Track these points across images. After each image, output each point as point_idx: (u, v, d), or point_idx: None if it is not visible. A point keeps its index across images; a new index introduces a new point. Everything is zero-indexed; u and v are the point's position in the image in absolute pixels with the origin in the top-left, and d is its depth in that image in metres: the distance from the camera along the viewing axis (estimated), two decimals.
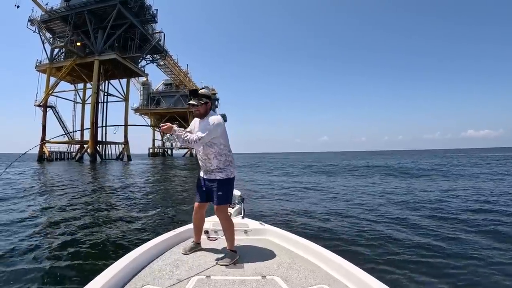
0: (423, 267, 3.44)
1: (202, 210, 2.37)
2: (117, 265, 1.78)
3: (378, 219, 5.80)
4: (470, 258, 3.67)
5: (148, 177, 16.40)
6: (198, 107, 2.24)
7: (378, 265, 3.50)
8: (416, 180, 13.34)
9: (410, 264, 3.53)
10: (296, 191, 10.23)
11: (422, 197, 8.33)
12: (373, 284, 1.65)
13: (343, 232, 4.89)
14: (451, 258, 3.67)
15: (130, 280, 1.77)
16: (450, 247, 4.09)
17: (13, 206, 7.13)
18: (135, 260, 1.91)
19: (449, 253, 3.88)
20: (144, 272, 1.90)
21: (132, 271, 1.86)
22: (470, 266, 3.43)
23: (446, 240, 4.40)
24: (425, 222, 5.56)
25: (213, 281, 1.80)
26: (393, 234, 4.73)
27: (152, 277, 1.82)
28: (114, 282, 1.65)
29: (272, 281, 1.83)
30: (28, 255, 3.75)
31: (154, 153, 66.76)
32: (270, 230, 2.74)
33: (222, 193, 2.23)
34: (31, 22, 36.84)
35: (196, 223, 2.39)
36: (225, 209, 2.32)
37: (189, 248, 2.30)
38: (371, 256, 3.79)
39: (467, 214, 6.07)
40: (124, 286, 1.70)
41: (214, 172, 2.25)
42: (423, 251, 3.96)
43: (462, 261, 3.56)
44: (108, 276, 1.64)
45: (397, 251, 3.95)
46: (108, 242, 4.34)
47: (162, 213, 6.64)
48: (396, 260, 3.67)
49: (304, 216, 6.21)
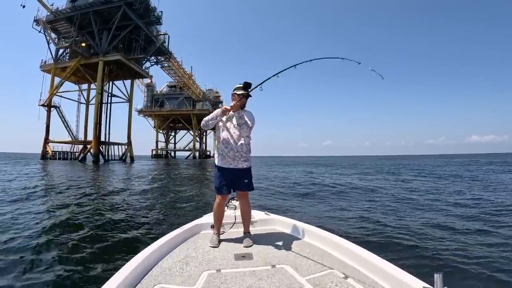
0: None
1: (225, 201, 2.56)
2: (127, 267, 1.75)
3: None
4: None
5: (152, 178, 16.32)
6: (246, 99, 2.42)
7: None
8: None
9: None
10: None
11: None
12: (383, 265, 1.66)
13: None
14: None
15: (141, 280, 1.75)
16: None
17: (21, 205, 7.03)
18: (145, 260, 1.90)
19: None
20: (155, 271, 1.89)
21: (143, 271, 1.84)
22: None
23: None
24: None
25: (223, 275, 1.80)
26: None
27: (163, 276, 1.81)
28: (127, 284, 1.62)
29: (282, 269, 1.85)
30: (39, 255, 3.67)
31: (157, 154, 66.74)
32: (276, 220, 2.81)
33: (248, 180, 2.46)
34: (37, 22, 37.12)
35: (221, 215, 2.51)
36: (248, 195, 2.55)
37: (217, 240, 2.37)
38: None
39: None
40: (136, 286, 1.68)
41: (243, 161, 2.43)
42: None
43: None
44: (121, 277, 1.61)
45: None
46: (116, 242, 4.35)
47: (168, 212, 6.69)
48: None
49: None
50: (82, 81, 43.37)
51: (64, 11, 36.65)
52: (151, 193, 9.84)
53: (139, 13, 37.78)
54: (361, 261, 1.81)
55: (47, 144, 38.21)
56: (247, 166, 2.46)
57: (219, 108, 2.47)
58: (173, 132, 74.59)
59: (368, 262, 1.75)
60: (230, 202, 3.23)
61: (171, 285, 1.70)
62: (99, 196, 8.82)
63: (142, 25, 39.04)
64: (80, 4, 36.02)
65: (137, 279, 1.74)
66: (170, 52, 45.66)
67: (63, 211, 6.52)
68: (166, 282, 1.73)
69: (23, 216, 5.87)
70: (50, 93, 37.89)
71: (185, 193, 9.81)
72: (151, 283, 1.72)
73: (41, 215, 6.09)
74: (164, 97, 63.94)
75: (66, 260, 3.55)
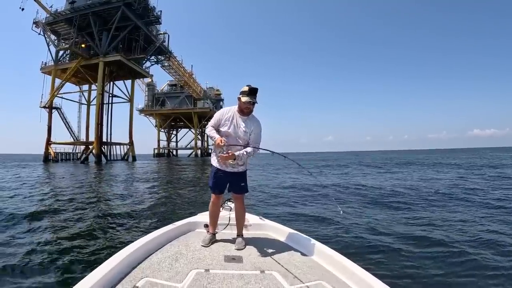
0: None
1: (220, 201, 2.59)
2: (116, 257, 1.77)
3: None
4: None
5: (152, 176, 16.51)
6: (252, 106, 2.34)
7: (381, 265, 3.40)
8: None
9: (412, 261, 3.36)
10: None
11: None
12: (371, 281, 1.64)
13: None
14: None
15: (129, 273, 1.76)
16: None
17: (21, 204, 7.27)
18: (134, 252, 1.91)
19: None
20: (143, 264, 1.90)
21: (132, 263, 1.85)
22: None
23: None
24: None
25: (211, 275, 1.81)
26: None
27: (152, 270, 1.82)
28: (113, 275, 1.63)
29: (271, 276, 1.84)
30: (32, 247, 3.87)
31: (159, 153, 66.94)
32: (270, 226, 2.80)
33: (244, 184, 2.48)
34: (36, 24, 37.05)
35: (215, 214, 2.53)
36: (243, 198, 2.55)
37: (209, 240, 2.38)
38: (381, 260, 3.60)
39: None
40: (124, 278, 1.69)
41: (240, 165, 2.41)
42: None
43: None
44: (107, 268, 1.62)
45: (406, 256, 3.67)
46: (110, 234, 4.53)
47: (163, 208, 6.85)
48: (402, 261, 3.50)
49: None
50: (82, 82, 43.45)
51: (63, 13, 36.58)
52: (149, 191, 9.96)
53: (138, 13, 37.63)
54: (351, 276, 1.80)
55: (49, 145, 38.44)
56: (243, 170, 2.46)
57: (220, 107, 2.38)
58: (174, 131, 74.69)
59: (358, 277, 1.73)
60: (226, 204, 3.25)
61: (158, 279, 1.70)
62: (97, 192, 9.20)
63: (142, 25, 38.95)
64: (79, 6, 35.88)
65: (125, 270, 1.75)
66: (170, 51, 45.58)
67: (56, 207, 6.85)
68: (154, 276, 1.74)
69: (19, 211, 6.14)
70: (51, 94, 38.00)
71: (183, 191, 9.89)
72: (138, 275, 1.73)
73: (41, 209, 6.48)
74: (165, 96, 63.87)
75: (56, 250, 3.78)
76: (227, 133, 2.35)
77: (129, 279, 1.68)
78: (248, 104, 2.28)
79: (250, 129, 2.35)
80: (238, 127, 2.34)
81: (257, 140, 2.39)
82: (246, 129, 2.34)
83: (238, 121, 2.35)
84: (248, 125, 2.35)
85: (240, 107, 2.33)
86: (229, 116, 2.37)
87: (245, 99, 2.26)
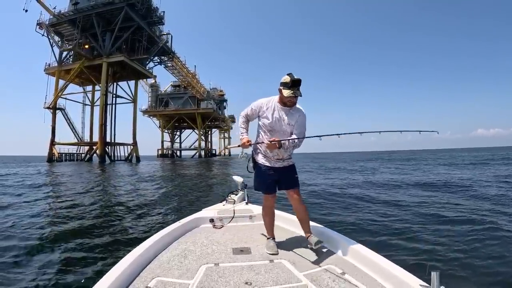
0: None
1: (274, 201, 2.32)
2: (126, 259, 1.75)
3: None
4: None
5: (156, 176, 16.44)
6: (296, 99, 2.11)
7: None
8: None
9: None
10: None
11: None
12: (381, 263, 1.65)
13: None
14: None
15: (139, 273, 1.74)
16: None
17: (26, 204, 7.26)
18: (143, 253, 1.89)
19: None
20: (153, 264, 1.88)
21: (141, 265, 1.83)
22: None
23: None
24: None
25: (221, 268, 1.81)
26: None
27: (162, 269, 1.81)
28: (125, 277, 1.61)
29: (280, 264, 1.86)
30: (41, 248, 3.84)
31: (163, 154, 67.00)
32: (276, 215, 2.72)
33: (297, 176, 2.28)
34: (40, 25, 37.21)
35: (273, 217, 2.33)
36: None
37: (274, 245, 2.14)
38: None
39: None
40: (134, 279, 1.67)
41: (288, 159, 2.25)
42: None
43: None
44: (118, 271, 1.59)
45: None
46: (117, 236, 4.45)
47: (169, 207, 6.78)
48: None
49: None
50: (86, 83, 43.58)
51: (66, 14, 36.71)
52: (154, 191, 9.94)
53: (141, 13, 37.69)
54: (359, 258, 1.82)
55: (53, 146, 38.59)
56: (293, 162, 2.29)
57: (224, 107, 2.12)
58: (178, 132, 74.75)
59: (366, 259, 1.75)
60: (229, 196, 3.24)
61: (169, 278, 1.70)
62: (104, 193, 9.17)
63: (145, 25, 38.94)
64: (82, 7, 36.00)
65: (136, 272, 1.74)
66: (173, 52, 45.54)
67: (63, 207, 6.88)
68: (165, 275, 1.73)
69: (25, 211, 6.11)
70: (55, 95, 38.19)
71: (187, 190, 9.98)
72: (149, 276, 1.72)
73: (47, 209, 6.66)
74: (169, 97, 63.90)
75: (65, 252, 3.69)
76: (270, 125, 2.16)
77: (140, 280, 1.67)
78: (291, 98, 2.06)
79: (293, 121, 2.14)
80: (281, 120, 2.14)
81: (302, 130, 2.17)
82: (290, 121, 2.13)
83: (281, 113, 2.15)
84: (292, 117, 2.14)
85: (282, 100, 2.12)
86: (270, 107, 2.16)
87: (287, 92, 2.04)
